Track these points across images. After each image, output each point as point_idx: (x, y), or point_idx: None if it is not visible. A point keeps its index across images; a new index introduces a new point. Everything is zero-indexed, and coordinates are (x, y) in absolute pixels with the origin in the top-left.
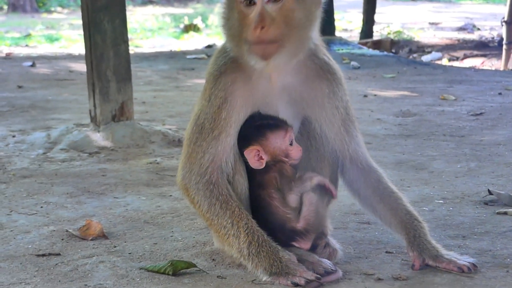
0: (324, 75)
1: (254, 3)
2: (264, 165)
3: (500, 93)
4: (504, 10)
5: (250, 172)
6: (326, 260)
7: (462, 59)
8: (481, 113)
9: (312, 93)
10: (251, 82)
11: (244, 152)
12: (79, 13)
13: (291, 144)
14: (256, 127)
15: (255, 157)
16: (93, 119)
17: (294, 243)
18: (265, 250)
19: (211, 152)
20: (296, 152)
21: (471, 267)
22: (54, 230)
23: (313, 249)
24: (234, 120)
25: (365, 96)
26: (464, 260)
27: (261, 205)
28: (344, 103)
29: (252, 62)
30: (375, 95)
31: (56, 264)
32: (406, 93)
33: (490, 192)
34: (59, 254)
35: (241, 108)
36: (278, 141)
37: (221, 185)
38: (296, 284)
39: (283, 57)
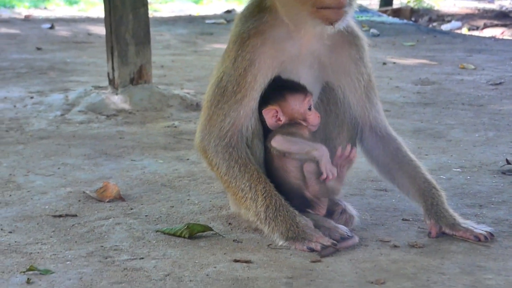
0: (351, 41)
1: None
2: (280, 126)
3: None
4: None
5: (267, 137)
6: (343, 226)
7: (482, 28)
8: (500, 83)
9: (339, 59)
10: (279, 46)
11: (263, 111)
12: None
13: (309, 109)
14: (277, 88)
15: (273, 117)
16: (111, 81)
17: (309, 210)
18: (282, 214)
19: (232, 115)
20: (314, 118)
21: (488, 236)
22: (71, 192)
23: (329, 215)
24: (259, 84)
25: (384, 63)
26: (481, 229)
27: (277, 171)
28: (368, 69)
29: (314, 25)
30: (394, 63)
31: (72, 225)
32: (425, 61)
33: (508, 162)
34: (75, 215)
35: (267, 72)
36: (297, 104)
37: (240, 149)
38: (312, 250)
39: (343, 22)
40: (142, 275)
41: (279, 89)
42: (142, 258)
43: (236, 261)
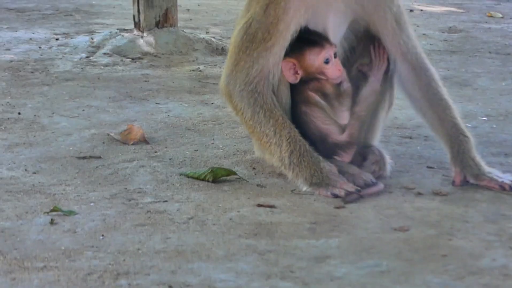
0: None
1: None
2: (298, 79)
3: None
4: None
5: (293, 86)
6: (367, 172)
7: None
8: None
9: None
10: None
11: (281, 64)
12: None
13: (326, 62)
14: (296, 41)
15: (291, 70)
16: (137, 24)
17: (335, 156)
18: (306, 160)
19: (261, 62)
20: (333, 72)
21: None
22: (95, 134)
23: (363, 160)
24: (290, 33)
25: (411, 11)
26: (507, 178)
27: (303, 119)
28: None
29: None
30: (421, 10)
31: (96, 167)
32: (452, 9)
33: None
34: (100, 157)
35: (299, 20)
36: (312, 57)
37: (266, 95)
38: (336, 195)
39: None
40: (166, 218)
41: (298, 41)
42: (166, 201)
43: (259, 205)
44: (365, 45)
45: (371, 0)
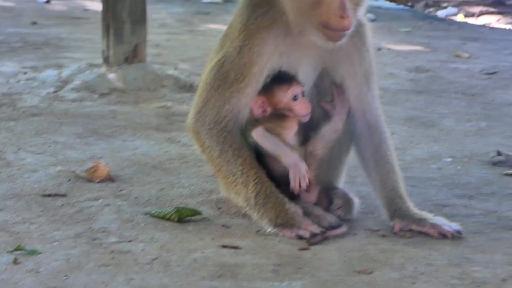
0: (356, 28)
1: None
2: (266, 117)
3: None
4: None
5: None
6: (332, 214)
7: (478, 16)
8: (494, 72)
9: (341, 46)
10: (285, 40)
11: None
12: None
13: (295, 99)
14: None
15: (260, 107)
16: (106, 60)
17: (299, 197)
18: (272, 201)
19: (232, 102)
20: (301, 108)
21: (455, 234)
22: (61, 171)
23: (329, 203)
24: (263, 76)
25: (379, 49)
26: (450, 226)
27: (266, 158)
28: (370, 55)
29: (317, 41)
30: (389, 48)
31: (61, 205)
32: (420, 48)
33: (499, 153)
34: (65, 195)
35: (273, 64)
36: (281, 94)
37: (235, 134)
38: (301, 237)
39: (344, 41)
40: (130, 259)
41: (268, 79)
42: (130, 241)
43: (224, 246)
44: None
45: (343, 52)
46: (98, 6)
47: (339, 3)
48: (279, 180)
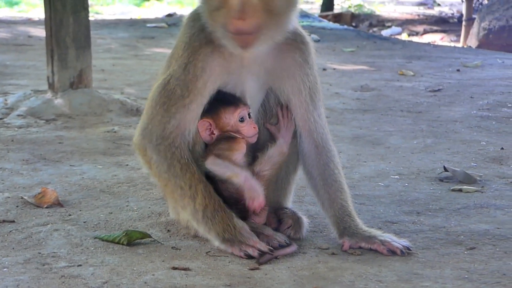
0: (296, 45)
1: None
2: (213, 139)
3: (458, 70)
4: None
5: (207, 146)
6: (281, 233)
7: (422, 34)
8: (438, 90)
9: (283, 64)
10: (227, 55)
11: (197, 124)
12: None
13: (241, 121)
14: (211, 102)
15: (207, 130)
16: (51, 85)
17: (248, 218)
18: (220, 215)
19: (178, 118)
20: (248, 129)
21: (404, 250)
22: (8, 197)
23: (278, 223)
24: (208, 92)
25: (324, 69)
26: (399, 242)
27: (215, 179)
28: (314, 72)
29: (230, 48)
30: (334, 69)
31: (10, 231)
32: (365, 67)
33: (445, 169)
34: (13, 221)
35: (217, 79)
36: (228, 117)
37: (183, 149)
38: (250, 256)
39: (263, 45)
40: (80, 283)
41: (213, 102)
42: (80, 265)
43: (174, 268)
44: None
45: (286, 71)
46: (41, 33)
47: (236, 5)
48: (228, 201)
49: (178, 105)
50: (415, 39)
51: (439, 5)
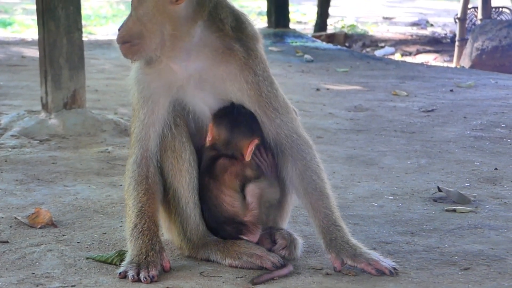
0: (232, 45)
1: None
2: (207, 144)
3: (451, 90)
4: (457, 7)
5: (201, 161)
6: (275, 254)
7: (415, 54)
8: (432, 110)
9: (221, 69)
10: (160, 75)
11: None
12: None
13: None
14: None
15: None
16: (45, 106)
17: (242, 236)
18: (143, 238)
19: (140, 137)
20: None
21: (393, 271)
22: (2, 217)
23: (273, 243)
24: (156, 115)
25: (318, 90)
26: (386, 262)
27: (211, 199)
28: (265, 73)
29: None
30: (327, 89)
31: (3, 252)
32: (358, 87)
33: (439, 189)
34: (7, 242)
35: (164, 100)
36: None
37: (143, 167)
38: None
39: (146, 55)
40: None
41: (219, 112)
42: (74, 286)
43: None
44: None
45: (225, 75)
46: (35, 53)
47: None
48: (222, 219)
49: (138, 124)
50: (408, 59)
51: (432, 25)
